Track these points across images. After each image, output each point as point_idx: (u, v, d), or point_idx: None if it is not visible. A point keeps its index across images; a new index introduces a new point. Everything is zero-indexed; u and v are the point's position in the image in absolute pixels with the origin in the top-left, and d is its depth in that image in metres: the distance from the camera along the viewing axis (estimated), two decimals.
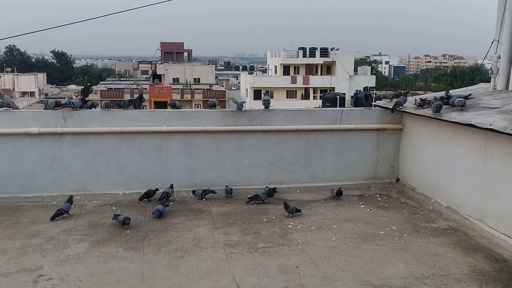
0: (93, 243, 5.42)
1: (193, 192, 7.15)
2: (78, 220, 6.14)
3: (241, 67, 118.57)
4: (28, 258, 5.02)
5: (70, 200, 6.44)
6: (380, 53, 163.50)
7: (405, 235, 5.83)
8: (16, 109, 7.15)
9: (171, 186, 6.99)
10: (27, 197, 6.89)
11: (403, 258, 5.17)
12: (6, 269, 4.75)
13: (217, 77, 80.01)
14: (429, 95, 8.20)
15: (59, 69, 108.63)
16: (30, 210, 6.49)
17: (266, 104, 7.67)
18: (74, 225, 5.95)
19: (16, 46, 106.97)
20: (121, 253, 5.17)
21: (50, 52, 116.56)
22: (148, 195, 6.92)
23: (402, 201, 7.17)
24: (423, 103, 7.21)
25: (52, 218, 6.11)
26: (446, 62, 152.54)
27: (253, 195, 6.90)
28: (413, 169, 7.67)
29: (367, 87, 55.00)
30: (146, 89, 58.76)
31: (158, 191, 6.99)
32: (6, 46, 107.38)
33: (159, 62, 76.58)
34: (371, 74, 67.43)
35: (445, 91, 7.48)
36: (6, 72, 76.46)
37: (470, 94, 7.17)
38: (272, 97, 55.00)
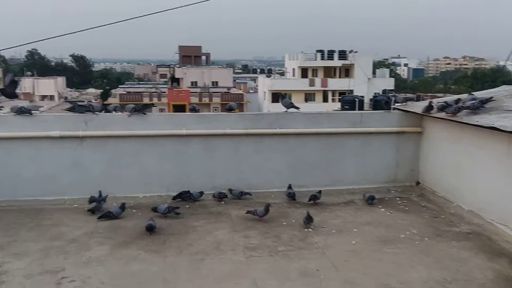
0: (114, 246, 5.47)
1: (213, 195, 7.19)
2: (99, 222, 6.20)
3: (259, 70, 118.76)
4: (51, 260, 5.10)
5: (122, 207, 6.49)
6: (398, 55, 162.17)
7: (426, 238, 5.76)
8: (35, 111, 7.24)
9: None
10: (49, 200, 6.98)
11: (424, 262, 5.11)
12: (30, 271, 4.83)
13: (235, 80, 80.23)
14: (450, 98, 8.12)
15: (78, 73, 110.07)
16: (52, 213, 6.58)
17: (290, 105, 7.64)
18: (95, 228, 6.02)
19: (37, 50, 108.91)
20: (142, 256, 5.21)
21: (69, 56, 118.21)
22: (181, 195, 7.01)
23: (423, 205, 7.09)
24: (443, 106, 7.14)
25: (100, 218, 6.27)
26: (467, 64, 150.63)
27: (252, 210, 6.45)
28: (434, 173, 7.58)
29: (385, 89, 54.52)
30: (165, 92, 59.29)
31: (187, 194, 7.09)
32: (27, 50, 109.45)
33: (178, 66, 77.20)
34: (389, 76, 66.94)
35: (467, 94, 7.41)
36: (27, 76, 77.77)
37: (492, 97, 7.07)
38: (290, 99, 54.79)
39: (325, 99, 60.95)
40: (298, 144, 7.60)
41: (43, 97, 69.85)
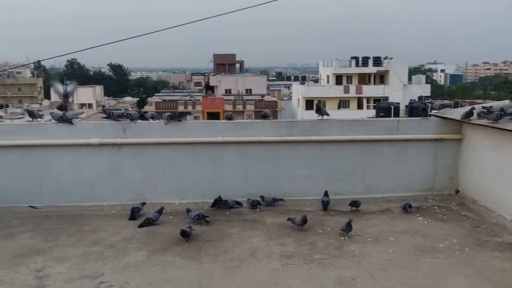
0: (152, 252, 5.54)
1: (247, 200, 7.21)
2: (136, 229, 6.30)
3: (292, 77, 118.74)
4: (90, 265, 5.20)
5: (160, 211, 6.61)
6: (435, 61, 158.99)
7: (467, 249, 5.60)
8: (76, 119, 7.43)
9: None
10: (87, 206, 7.14)
11: (464, 273, 4.97)
12: (70, 275, 4.94)
13: (268, 88, 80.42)
14: (491, 104, 7.90)
15: (116, 82, 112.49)
16: (91, 219, 6.72)
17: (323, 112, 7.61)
18: (133, 234, 6.12)
19: (76, 59, 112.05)
20: (178, 262, 5.26)
21: (107, 65, 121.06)
22: (217, 203, 7.05)
23: (463, 214, 6.91)
24: (483, 112, 6.95)
25: (140, 226, 6.35)
26: (507, 69, 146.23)
27: (292, 218, 6.37)
28: (474, 181, 7.37)
29: (421, 96, 53.69)
30: (199, 100, 59.93)
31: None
32: (67, 60, 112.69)
33: (212, 74, 77.95)
34: (426, 83, 65.78)
35: (508, 100, 7.20)
36: (66, 85, 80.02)
37: None
38: (324, 107, 54.53)
39: (359, 106, 60.36)
40: (333, 152, 7.54)
41: (82, 105, 71.64)
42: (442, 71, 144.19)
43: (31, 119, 7.46)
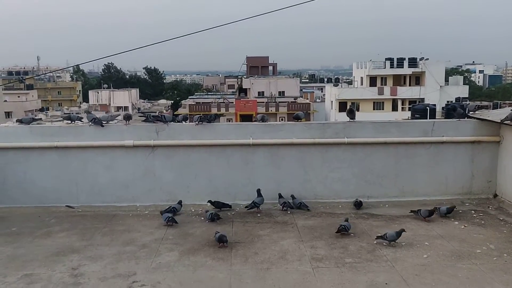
0: (183, 252, 5.59)
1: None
2: (168, 229, 6.38)
3: (325, 79, 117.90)
4: (123, 264, 5.30)
5: (180, 202, 7.01)
6: (473, 61, 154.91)
7: (505, 255, 5.42)
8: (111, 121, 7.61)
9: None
10: (122, 206, 7.28)
11: (503, 279, 4.81)
12: (104, 274, 5.05)
13: (301, 90, 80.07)
14: None
15: (151, 85, 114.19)
16: (125, 219, 6.85)
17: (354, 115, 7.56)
18: (165, 234, 6.19)
19: (113, 63, 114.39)
20: (209, 263, 5.30)
21: (143, 68, 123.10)
22: (256, 204, 7.05)
23: (501, 218, 6.70)
24: None
25: (167, 220, 6.50)
26: None
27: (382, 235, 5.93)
28: None
29: (459, 97, 52.37)
30: (232, 102, 60.23)
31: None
32: (104, 64, 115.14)
33: (245, 77, 78.13)
34: (463, 84, 64.19)
35: None
36: (103, 88, 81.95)
37: None
38: (358, 109, 54.03)
39: (394, 108, 59.42)
40: (366, 154, 7.44)
41: (118, 108, 73.11)
42: (481, 72, 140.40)
43: (69, 122, 7.66)
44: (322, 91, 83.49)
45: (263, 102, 61.28)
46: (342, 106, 54.59)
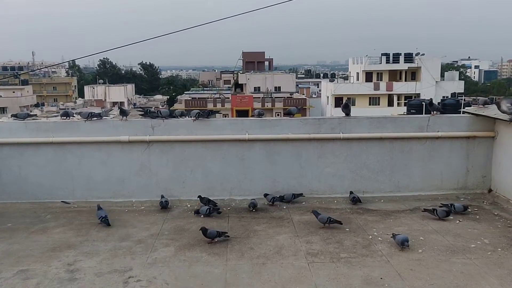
0: (179, 248, 5.60)
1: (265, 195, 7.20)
2: (164, 225, 6.38)
3: (322, 75, 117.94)
4: (119, 260, 5.30)
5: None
6: (469, 57, 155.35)
7: (499, 249, 5.46)
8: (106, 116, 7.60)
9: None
10: (117, 202, 7.28)
11: (497, 274, 4.84)
12: (100, 269, 5.05)
13: (297, 85, 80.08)
14: None
15: (146, 80, 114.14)
16: (121, 214, 6.85)
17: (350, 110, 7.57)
18: (161, 230, 6.20)
19: (108, 59, 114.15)
20: (205, 258, 5.31)
21: (138, 64, 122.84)
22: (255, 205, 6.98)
23: (495, 213, 6.73)
24: None
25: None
26: None
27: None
28: (508, 180, 7.17)
29: (454, 93, 52.51)
30: (228, 98, 60.20)
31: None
32: (99, 60, 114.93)
33: (241, 72, 78.07)
34: (459, 79, 64.34)
35: None
36: (99, 83, 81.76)
37: None
38: (354, 104, 54.06)
39: (390, 103, 59.51)
40: (361, 149, 7.46)
41: (114, 104, 72.99)
42: (476, 67, 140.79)
43: (65, 118, 7.64)
44: (318, 87, 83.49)
45: (259, 98, 61.26)
46: (338, 101, 54.59)
